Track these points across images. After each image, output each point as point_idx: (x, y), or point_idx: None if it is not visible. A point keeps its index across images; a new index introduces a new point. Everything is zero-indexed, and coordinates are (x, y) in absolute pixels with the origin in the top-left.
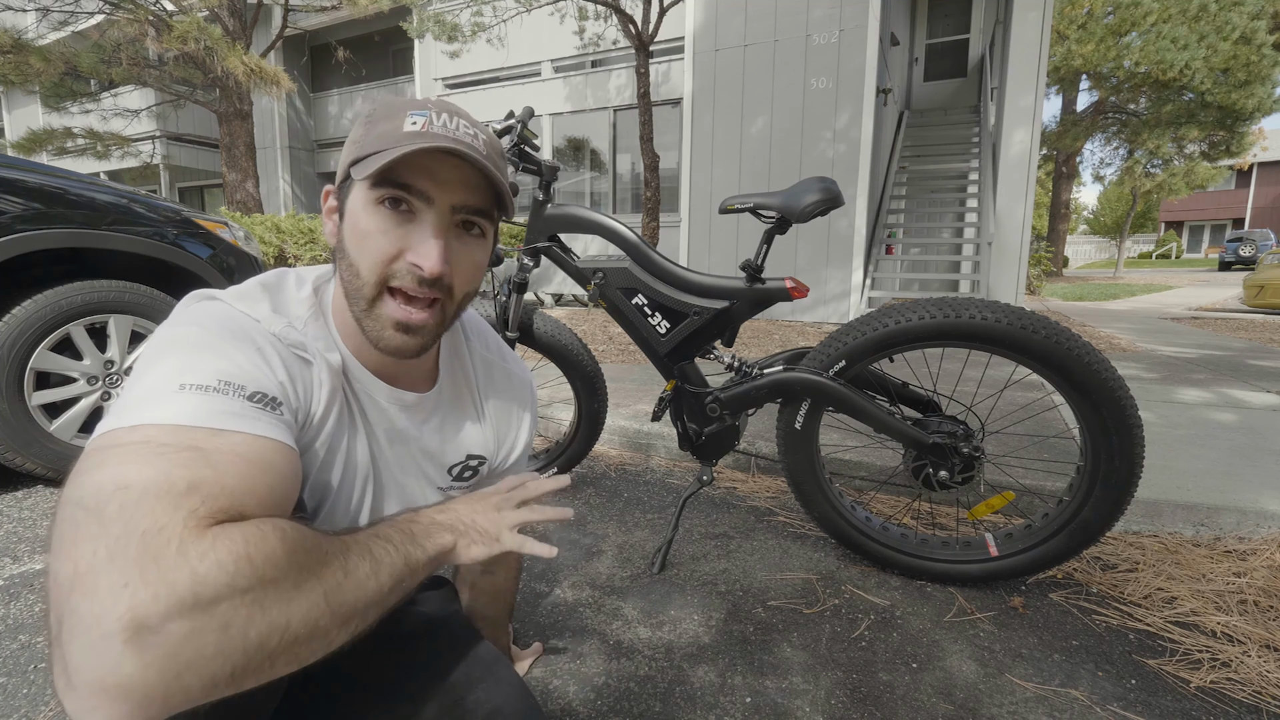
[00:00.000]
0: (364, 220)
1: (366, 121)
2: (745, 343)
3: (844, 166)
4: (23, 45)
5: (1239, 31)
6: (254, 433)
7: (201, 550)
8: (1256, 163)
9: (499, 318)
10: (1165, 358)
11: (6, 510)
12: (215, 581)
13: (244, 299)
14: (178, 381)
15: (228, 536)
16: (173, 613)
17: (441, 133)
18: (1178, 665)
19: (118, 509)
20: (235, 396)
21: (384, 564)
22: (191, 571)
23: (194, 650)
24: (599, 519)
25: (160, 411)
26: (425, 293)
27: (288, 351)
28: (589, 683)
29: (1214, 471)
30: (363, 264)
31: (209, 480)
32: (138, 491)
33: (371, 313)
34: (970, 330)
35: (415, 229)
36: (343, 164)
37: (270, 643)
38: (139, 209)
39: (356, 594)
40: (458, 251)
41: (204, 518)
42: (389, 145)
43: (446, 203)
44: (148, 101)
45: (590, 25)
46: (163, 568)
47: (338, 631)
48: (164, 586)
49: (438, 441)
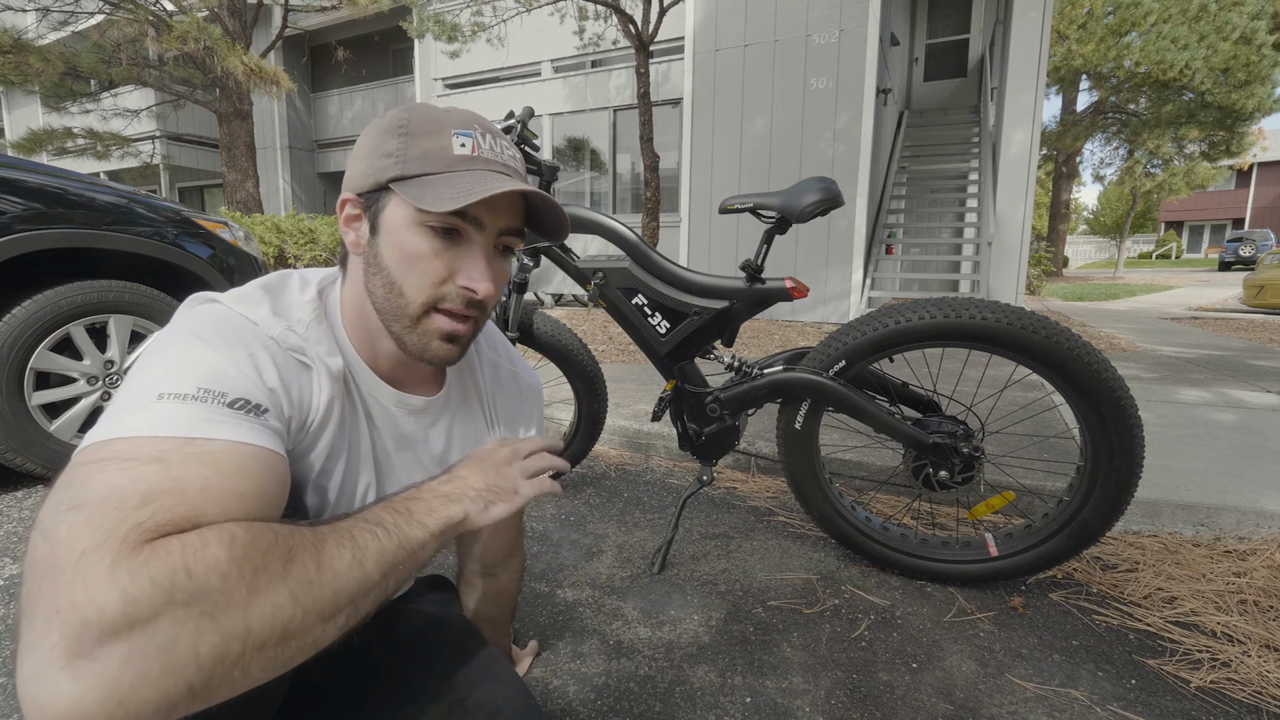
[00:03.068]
0: (410, 241)
1: (401, 134)
2: (745, 343)
3: (844, 166)
4: (23, 45)
5: (1239, 31)
6: (229, 439)
7: (134, 568)
8: (1256, 163)
9: (499, 318)
10: (1165, 358)
11: (6, 510)
12: (149, 600)
13: (243, 301)
14: (157, 391)
15: (164, 550)
16: (106, 637)
17: (491, 158)
18: (1178, 665)
19: (65, 532)
20: (214, 404)
21: (369, 550)
22: (122, 592)
23: (136, 673)
24: (599, 519)
25: (135, 423)
26: (472, 312)
27: (285, 355)
28: (589, 683)
29: (1214, 471)
30: (408, 284)
31: (166, 491)
32: (87, 511)
33: (417, 329)
34: (970, 330)
35: (465, 253)
36: (374, 175)
37: (230, 652)
38: (139, 209)
39: (335, 587)
40: (498, 270)
41: (148, 530)
42: (441, 169)
43: (496, 228)
44: (148, 101)
45: (590, 25)
46: (92, 590)
47: (321, 627)
48: (93, 611)
49: (444, 445)
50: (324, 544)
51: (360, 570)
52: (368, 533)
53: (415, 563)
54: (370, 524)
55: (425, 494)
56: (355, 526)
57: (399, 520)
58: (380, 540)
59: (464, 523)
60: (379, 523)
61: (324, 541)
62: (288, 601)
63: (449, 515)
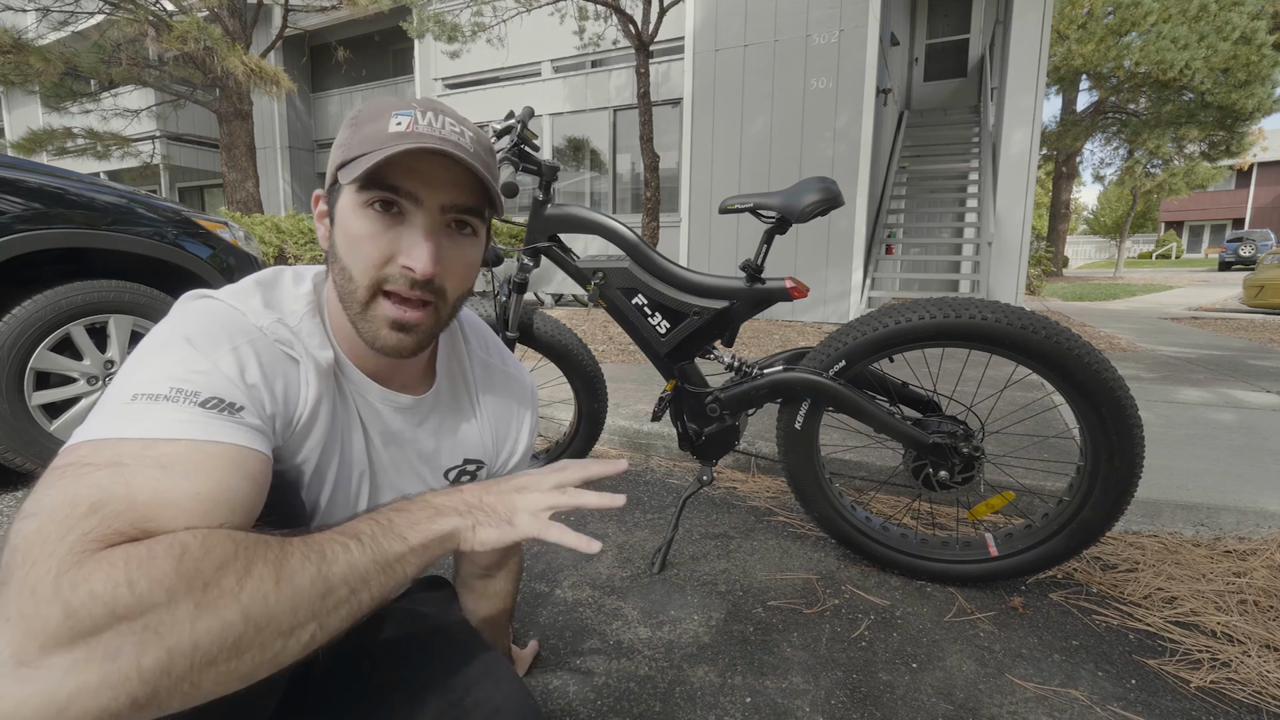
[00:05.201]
0: (353, 224)
1: (352, 124)
2: (745, 343)
3: (844, 166)
4: (23, 45)
5: (1239, 31)
6: (193, 438)
7: (75, 581)
8: (1256, 163)
9: (499, 318)
10: (1165, 358)
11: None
12: (90, 613)
13: (235, 294)
14: (131, 392)
15: (108, 561)
16: (49, 648)
17: (427, 132)
18: (1178, 665)
19: (21, 540)
20: (185, 404)
21: (337, 564)
22: (64, 604)
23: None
24: (599, 519)
25: (102, 427)
26: (417, 294)
27: (272, 347)
28: (589, 683)
29: (1214, 471)
30: (355, 267)
31: (117, 498)
32: (41, 519)
33: (366, 314)
34: (970, 330)
35: (406, 231)
36: (330, 168)
37: (176, 666)
38: (139, 209)
39: (294, 602)
40: (449, 251)
41: (96, 540)
42: (375, 147)
43: (436, 203)
44: (148, 101)
45: (590, 25)
46: (37, 601)
47: (281, 643)
48: (37, 622)
49: (433, 444)
50: (288, 557)
51: (324, 585)
52: (338, 545)
53: (393, 577)
54: (345, 536)
55: (415, 505)
56: (327, 539)
57: (377, 533)
58: (351, 553)
59: (451, 538)
60: (355, 535)
61: (289, 555)
62: (238, 618)
63: (435, 529)
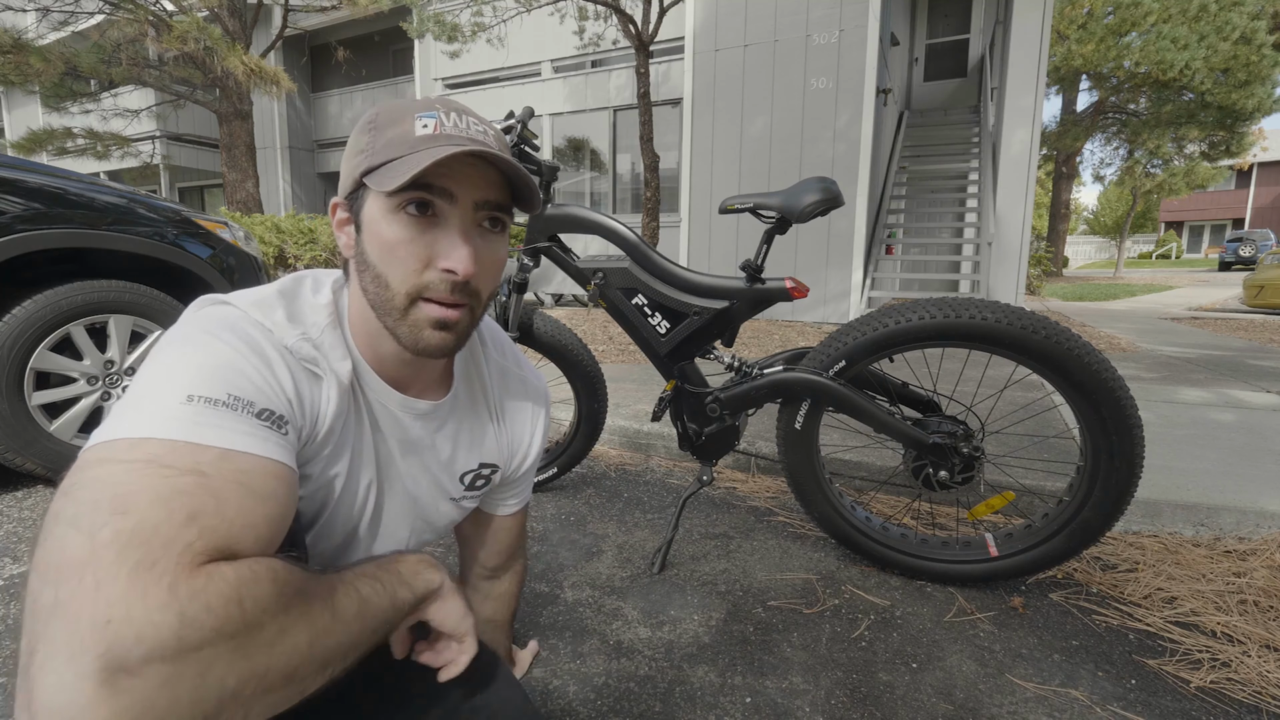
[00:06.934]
0: (387, 230)
1: (371, 129)
2: (745, 343)
3: (844, 166)
4: (23, 45)
5: (1239, 31)
6: (261, 454)
7: (193, 590)
8: (1256, 163)
9: (499, 318)
10: (1165, 358)
11: (6, 510)
12: (203, 625)
13: (258, 306)
14: (185, 392)
15: (221, 577)
16: (154, 656)
17: (455, 133)
18: (1178, 665)
19: (111, 535)
20: (244, 413)
21: (371, 604)
22: (180, 613)
23: (170, 697)
24: (599, 519)
25: (166, 425)
26: (458, 299)
27: (298, 365)
28: (589, 683)
29: (1214, 471)
30: (392, 276)
31: (209, 511)
32: (135, 518)
33: (406, 319)
34: (970, 330)
35: (442, 233)
36: (351, 174)
37: (245, 691)
38: (139, 209)
39: (341, 637)
40: (482, 250)
41: (199, 553)
42: (404, 151)
43: (470, 199)
44: (148, 101)
45: (590, 25)
46: (149, 607)
47: (314, 678)
48: (149, 628)
49: (450, 449)
50: (335, 593)
51: (361, 622)
52: (369, 586)
53: (396, 624)
54: (369, 579)
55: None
56: (358, 579)
57: (391, 579)
58: (379, 596)
59: (437, 593)
60: (376, 578)
61: (335, 590)
62: (305, 647)
63: (429, 581)
